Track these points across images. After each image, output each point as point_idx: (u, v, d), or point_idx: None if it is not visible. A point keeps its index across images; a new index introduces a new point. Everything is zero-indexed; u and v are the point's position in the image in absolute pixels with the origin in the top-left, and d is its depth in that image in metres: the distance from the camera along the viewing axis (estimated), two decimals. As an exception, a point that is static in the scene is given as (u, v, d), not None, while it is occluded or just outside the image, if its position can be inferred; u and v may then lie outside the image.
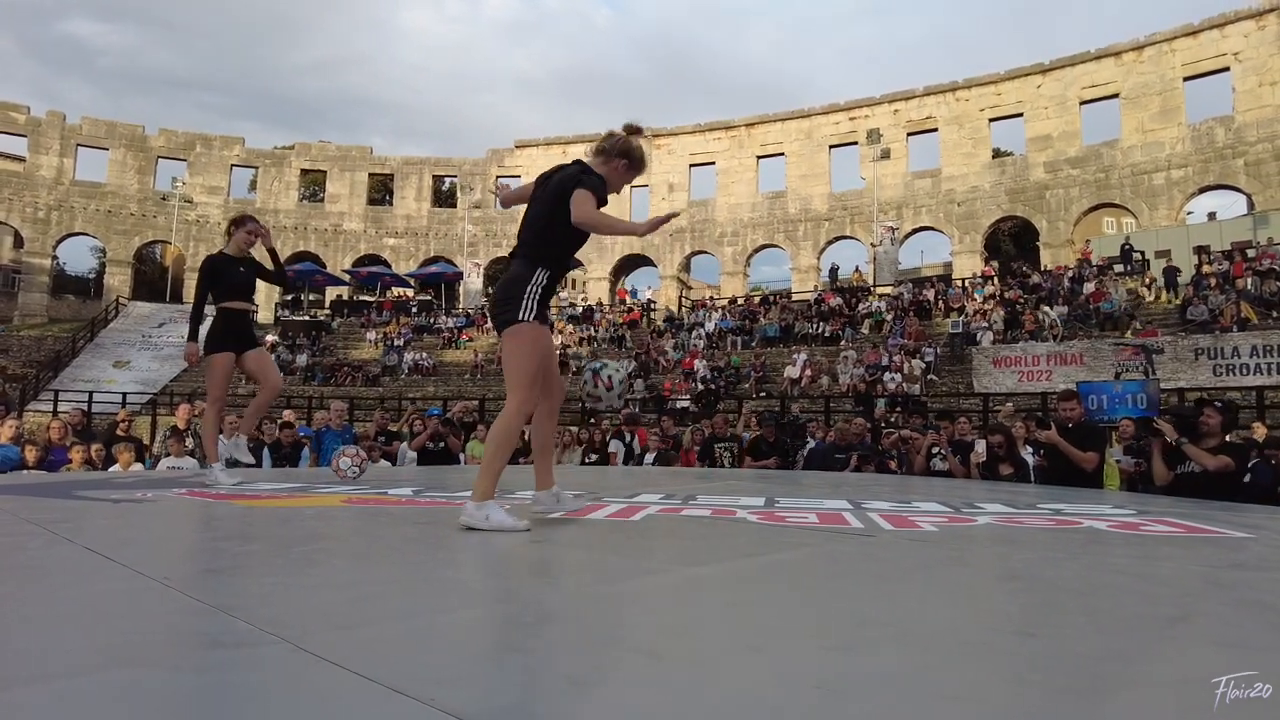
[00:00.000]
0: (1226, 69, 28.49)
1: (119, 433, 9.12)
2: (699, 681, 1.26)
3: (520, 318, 3.12)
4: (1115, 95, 30.72)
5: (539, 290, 3.18)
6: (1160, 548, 2.92)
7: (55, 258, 39.81)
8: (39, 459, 7.86)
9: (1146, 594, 2.05)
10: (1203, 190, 29.20)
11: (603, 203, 3.23)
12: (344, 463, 5.36)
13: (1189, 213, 30.37)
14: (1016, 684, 1.26)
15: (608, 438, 10.89)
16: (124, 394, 23.53)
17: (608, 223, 3.18)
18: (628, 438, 10.82)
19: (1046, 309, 21.11)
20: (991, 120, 33.59)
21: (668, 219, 3.21)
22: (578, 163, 3.32)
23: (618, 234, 3.10)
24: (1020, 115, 32.88)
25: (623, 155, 3.37)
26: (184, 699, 1.16)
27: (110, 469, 7.71)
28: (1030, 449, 7.44)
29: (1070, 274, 23.87)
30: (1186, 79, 29.34)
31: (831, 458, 9.30)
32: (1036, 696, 1.21)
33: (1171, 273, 22.76)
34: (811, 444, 10.15)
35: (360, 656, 1.34)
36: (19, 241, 39.28)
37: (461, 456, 9.64)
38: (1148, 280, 23.19)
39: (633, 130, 3.38)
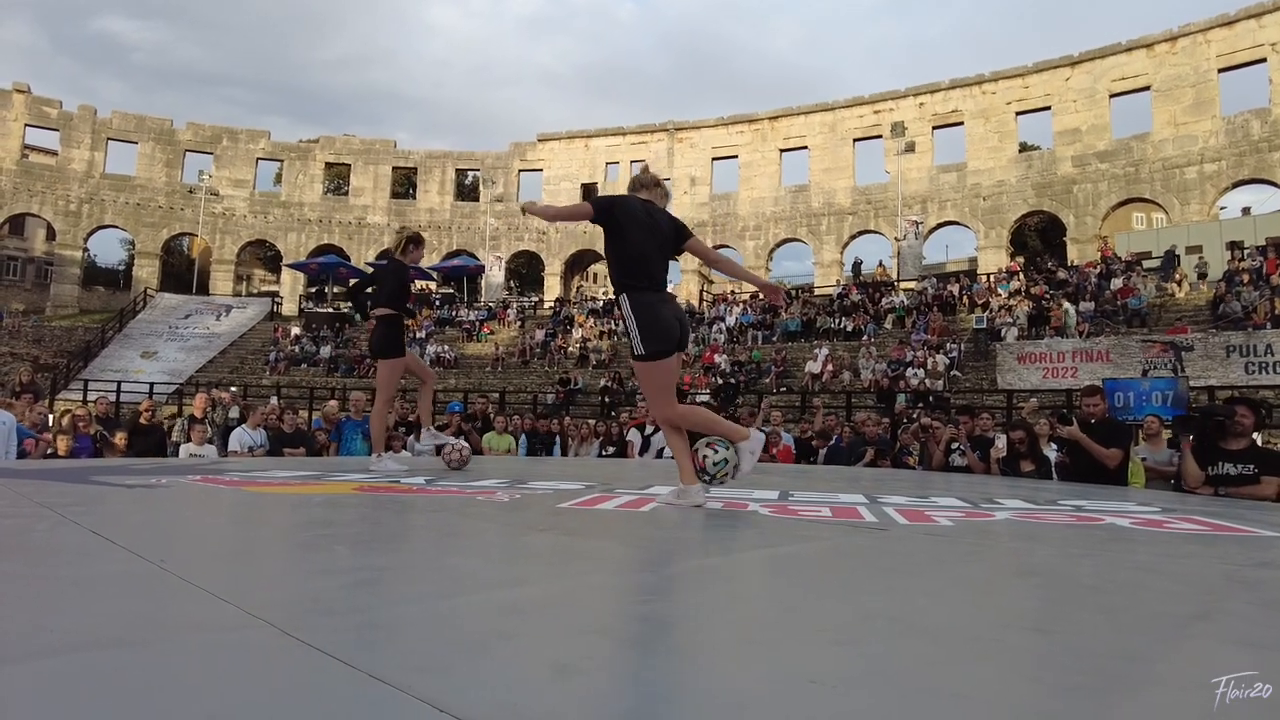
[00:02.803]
0: (1263, 60, 27.81)
1: (142, 422, 9.24)
2: (688, 675, 1.22)
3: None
4: (1146, 88, 30.11)
5: None
6: (1184, 545, 2.82)
7: (86, 250, 40.48)
8: (69, 448, 7.99)
9: (1167, 592, 1.97)
10: (1237, 185, 28.56)
11: None
12: (445, 451, 5.52)
13: (1222, 208, 29.73)
14: (1026, 681, 1.20)
15: (625, 431, 10.86)
16: (151, 384, 23.88)
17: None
18: (647, 429, 10.78)
19: (1068, 305, 20.77)
20: (1018, 113, 33.08)
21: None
22: (659, 208, 3.72)
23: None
24: (1048, 108, 32.32)
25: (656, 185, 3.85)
26: (161, 680, 1.13)
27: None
28: (1054, 446, 7.30)
29: (1097, 270, 23.47)
30: (1221, 70, 28.67)
31: (853, 453, 9.22)
32: (1047, 695, 1.15)
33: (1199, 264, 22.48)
34: (832, 441, 10.07)
35: (345, 642, 1.31)
36: (51, 234, 39.98)
37: (484, 448, 9.67)
38: (1178, 276, 22.75)
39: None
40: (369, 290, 5.90)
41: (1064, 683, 1.20)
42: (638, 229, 3.51)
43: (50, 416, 10.45)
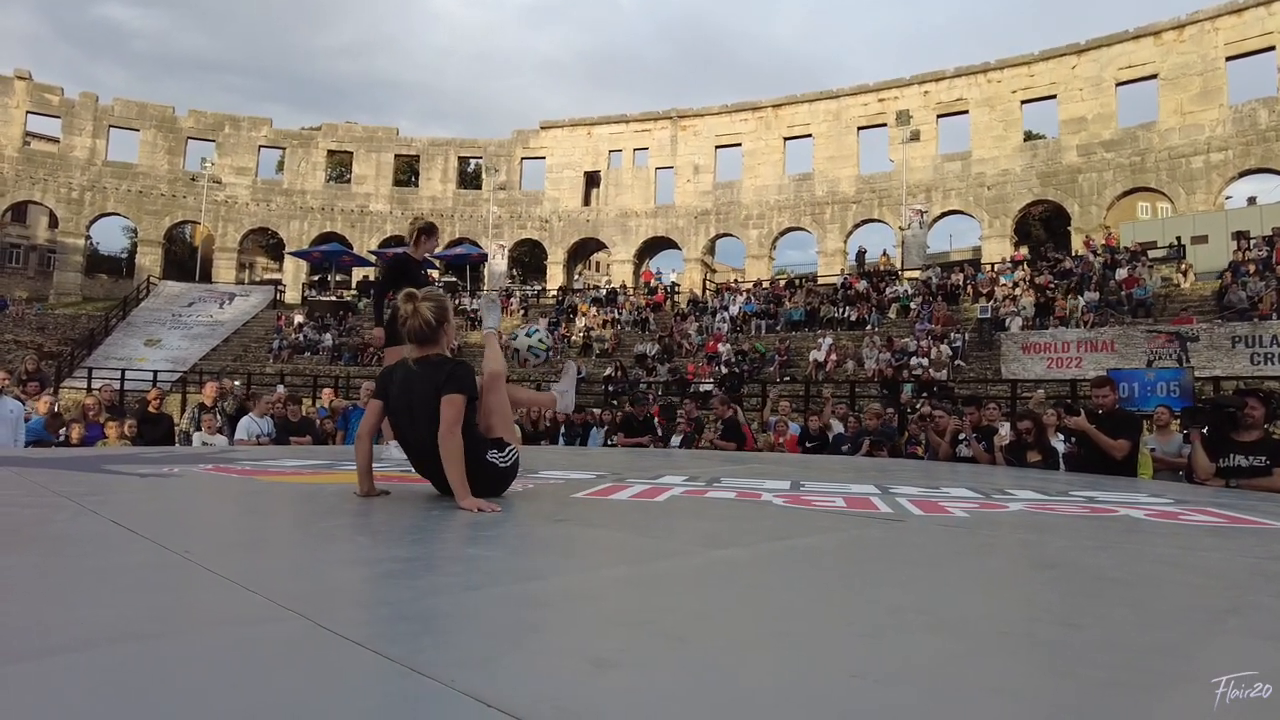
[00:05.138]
0: (1272, 48, 27.59)
1: (150, 411, 9.25)
2: (727, 667, 1.21)
3: None
4: (1153, 76, 29.92)
5: None
6: (1202, 538, 2.82)
7: (89, 237, 40.43)
8: (82, 437, 8.01)
9: (1192, 585, 1.97)
10: (1243, 174, 28.41)
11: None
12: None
13: (1228, 197, 29.58)
14: (1063, 677, 1.20)
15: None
16: (155, 372, 23.90)
17: None
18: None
19: (1079, 299, 20.75)
20: (1024, 102, 32.88)
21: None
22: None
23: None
24: (1053, 97, 32.14)
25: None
26: (198, 673, 1.13)
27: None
28: (1062, 437, 7.29)
29: (1102, 259, 23.39)
30: (1229, 59, 28.46)
31: (855, 443, 9.23)
32: (1085, 691, 1.14)
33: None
34: (840, 429, 10.08)
35: (380, 634, 1.31)
36: (54, 221, 39.92)
37: None
38: (1183, 267, 22.67)
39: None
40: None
41: (1102, 679, 1.20)
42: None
43: (56, 405, 10.47)
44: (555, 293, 34.50)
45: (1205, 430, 5.47)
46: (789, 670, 1.20)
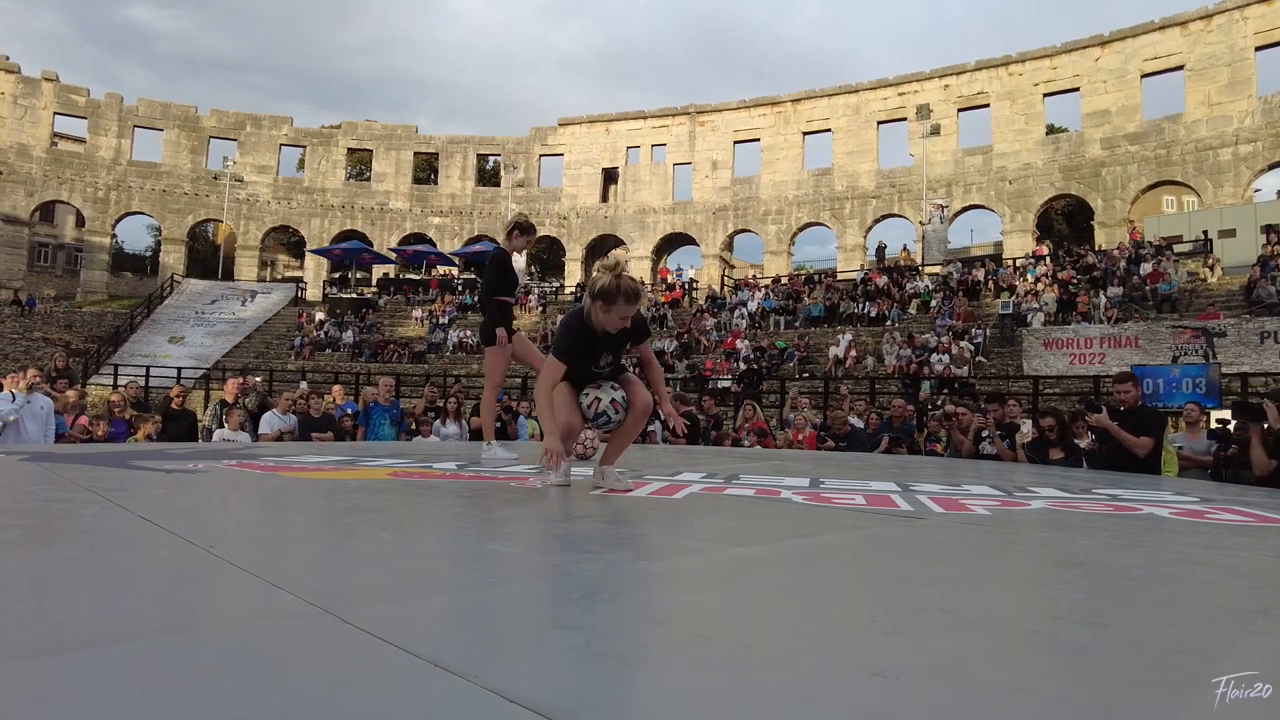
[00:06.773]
0: (1302, 37, 27.08)
1: (173, 407, 9.38)
2: (750, 665, 1.21)
3: None
4: (1180, 67, 29.43)
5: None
6: (1229, 537, 2.78)
7: (114, 236, 40.96)
8: (107, 432, 8.14)
9: (1219, 585, 1.94)
10: (1272, 166, 27.88)
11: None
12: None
13: (1257, 190, 29.07)
14: (1089, 677, 1.19)
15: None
16: (179, 369, 24.20)
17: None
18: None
19: (1103, 298, 20.51)
20: (1046, 95, 32.48)
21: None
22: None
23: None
24: (1076, 90, 31.71)
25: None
26: (225, 669, 1.14)
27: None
28: (1092, 435, 7.21)
29: (1127, 254, 23.07)
30: (1258, 49, 27.93)
31: (875, 440, 9.17)
32: (1113, 691, 1.13)
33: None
34: (858, 423, 10.02)
35: (405, 630, 1.32)
36: (80, 220, 40.51)
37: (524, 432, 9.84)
38: (1210, 261, 22.32)
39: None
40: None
41: (1127, 679, 1.19)
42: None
43: (86, 402, 10.64)
44: (573, 289, 34.54)
45: (1266, 425, 5.38)
46: (812, 668, 1.20)
